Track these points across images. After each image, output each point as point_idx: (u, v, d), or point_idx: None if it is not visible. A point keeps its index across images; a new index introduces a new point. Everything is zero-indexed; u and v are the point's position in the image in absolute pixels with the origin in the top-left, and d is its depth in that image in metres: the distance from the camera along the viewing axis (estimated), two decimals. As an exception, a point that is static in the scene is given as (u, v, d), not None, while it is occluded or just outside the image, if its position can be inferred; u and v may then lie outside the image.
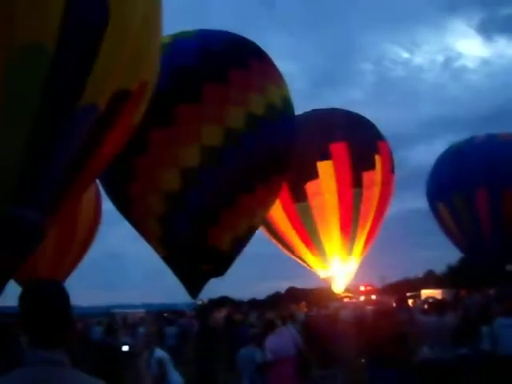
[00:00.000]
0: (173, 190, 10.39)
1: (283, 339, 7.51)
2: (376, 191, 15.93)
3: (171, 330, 14.63)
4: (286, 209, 15.66)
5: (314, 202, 15.32)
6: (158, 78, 8.01)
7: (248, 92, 10.81)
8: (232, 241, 11.16)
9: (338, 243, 15.91)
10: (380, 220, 16.96)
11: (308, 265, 17.18)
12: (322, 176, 15.14)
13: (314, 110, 16.92)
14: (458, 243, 20.51)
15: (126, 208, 11.43)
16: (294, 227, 15.94)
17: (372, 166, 15.71)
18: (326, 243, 15.90)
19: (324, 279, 17.28)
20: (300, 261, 17.29)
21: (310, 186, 15.23)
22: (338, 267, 16.59)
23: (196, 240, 10.73)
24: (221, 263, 11.45)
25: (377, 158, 15.91)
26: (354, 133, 15.61)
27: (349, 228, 15.69)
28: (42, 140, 6.08)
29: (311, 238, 15.90)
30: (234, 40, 11.54)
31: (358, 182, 15.37)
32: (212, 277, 11.61)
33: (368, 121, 16.85)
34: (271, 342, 7.60)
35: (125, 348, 3.51)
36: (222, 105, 10.48)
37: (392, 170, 17.01)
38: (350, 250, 16.31)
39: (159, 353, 6.26)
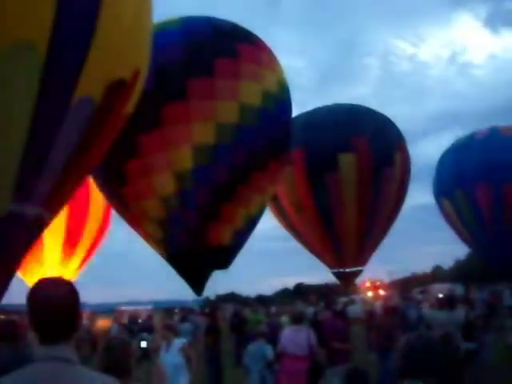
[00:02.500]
0: (168, 193, 10.17)
1: (298, 337, 7.47)
2: (393, 189, 15.90)
3: (185, 327, 14.57)
4: (303, 199, 15.58)
5: (332, 193, 15.25)
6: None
7: (239, 82, 10.31)
8: (233, 233, 11.03)
9: (352, 237, 15.82)
10: (394, 218, 16.92)
11: (320, 256, 17.08)
12: (342, 168, 15.08)
13: (336, 104, 16.92)
14: (463, 239, 20.48)
15: (123, 212, 11.34)
16: (311, 217, 15.83)
17: (392, 164, 15.67)
18: (341, 235, 15.82)
19: (334, 273, 17.21)
20: (311, 249, 17.17)
21: (330, 177, 15.16)
22: (350, 261, 16.53)
23: (196, 239, 10.60)
24: (223, 257, 11.33)
25: (397, 156, 15.91)
26: (376, 129, 15.59)
27: (364, 222, 15.62)
28: (39, 135, 6.07)
29: (327, 230, 15.83)
30: (221, 27, 10.87)
31: (377, 178, 15.31)
32: (216, 269, 11.45)
33: (389, 119, 16.87)
34: (285, 336, 7.58)
35: (143, 344, 3.53)
36: (210, 99, 10.02)
37: (409, 170, 17.00)
38: (362, 245, 16.24)
39: (180, 341, 6.36)
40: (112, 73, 6.63)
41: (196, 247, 10.58)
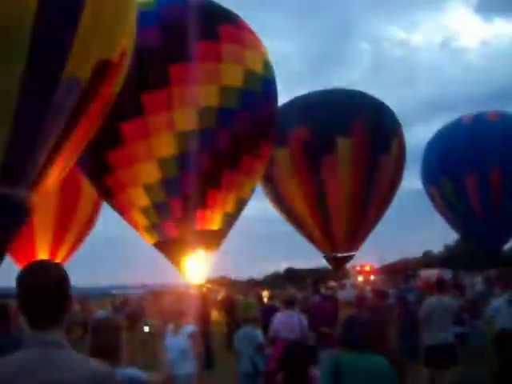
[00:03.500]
0: (153, 181, 10.01)
1: (290, 321, 7.49)
2: (388, 175, 15.92)
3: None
4: (300, 181, 15.51)
5: (329, 175, 15.22)
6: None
7: (220, 64, 10.03)
8: (224, 218, 10.97)
9: (345, 221, 15.80)
10: (388, 204, 16.93)
11: (313, 240, 17.02)
12: (340, 151, 15.05)
13: (336, 89, 16.92)
14: (453, 226, 20.53)
15: (109, 201, 11.27)
16: (306, 199, 15.77)
17: (388, 150, 15.70)
18: (335, 219, 15.81)
19: (326, 258, 17.20)
20: (304, 232, 17.12)
21: (327, 159, 15.11)
22: (342, 246, 16.52)
23: (183, 226, 10.47)
24: (213, 240, 11.21)
25: (394, 143, 15.93)
26: (375, 115, 15.63)
27: (358, 208, 15.62)
28: (26, 117, 6.04)
29: (321, 213, 15.78)
30: (200, 8, 10.40)
31: (373, 164, 15.33)
32: (205, 251, 11.34)
33: (387, 106, 16.88)
34: (278, 320, 7.61)
35: (146, 329, 3.55)
36: (191, 85, 9.79)
37: (404, 158, 17.00)
38: (355, 230, 16.22)
39: (190, 326, 6.33)
40: (99, 53, 6.60)
41: (184, 234, 10.49)
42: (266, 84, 10.93)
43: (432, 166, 19.34)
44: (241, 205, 11.38)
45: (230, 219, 11.28)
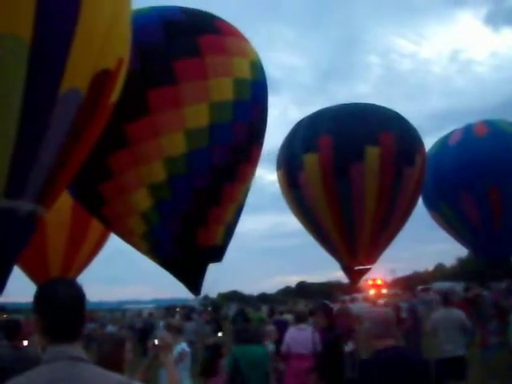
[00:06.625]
0: (147, 208, 9.69)
1: (302, 336, 7.43)
2: (411, 188, 15.90)
3: (190, 326, 14.41)
4: (326, 187, 15.49)
5: (355, 184, 15.21)
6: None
7: (206, 81, 9.55)
8: (225, 231, 10.86)
9: (368, 233, 15.70)
10: (407, 218, 16.83)
11: (334, 250, 16.87)
12: (367, 160, 15.10)
13: (365, 103, 17.01)
14: (461, 243, 20.38)
15: (108, 227, 11.24)
16: (331, 206, 15.71)
17: (413, 163, 15.73)
18: (358, 230, 15.71)
19: (344, 270, 17.04)
20: (325, 241, 16.95)
21: (355, 168, 15.14)
22: (362, 258, 16.42)
23: (185, 246, 10.34)
24: (217, 254, 11.10)
25: (417, 157, 15.97)
26: (402, 128, 15.74)
27: (381, 219, 15.54)
28: (28, 131, 6.07)
29: (345, 222, 15.70)
30: (175, 23, 9.75)
31: (399, 174, 15.37)
32: (209, 263, 11.21)
33: (411, 124, 17.04)
34: (290, 336, 7.56)
35: (156, 342, 3.53)
36: (176, 108, 9.35)
37: (424, 174, 16.98)
38: (376, 243, 16.12)
39: (180, 346, 6.19)
40: (97, 63, 6.63)
41: (186, 253, 10.40)
42: (254, 86, 10.47)
43: (428, 191, 19.10)
44: (240, 210, 11.28)
45: (233, 227, 11.20)
